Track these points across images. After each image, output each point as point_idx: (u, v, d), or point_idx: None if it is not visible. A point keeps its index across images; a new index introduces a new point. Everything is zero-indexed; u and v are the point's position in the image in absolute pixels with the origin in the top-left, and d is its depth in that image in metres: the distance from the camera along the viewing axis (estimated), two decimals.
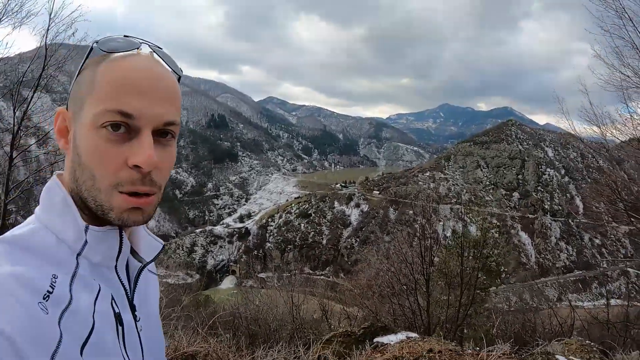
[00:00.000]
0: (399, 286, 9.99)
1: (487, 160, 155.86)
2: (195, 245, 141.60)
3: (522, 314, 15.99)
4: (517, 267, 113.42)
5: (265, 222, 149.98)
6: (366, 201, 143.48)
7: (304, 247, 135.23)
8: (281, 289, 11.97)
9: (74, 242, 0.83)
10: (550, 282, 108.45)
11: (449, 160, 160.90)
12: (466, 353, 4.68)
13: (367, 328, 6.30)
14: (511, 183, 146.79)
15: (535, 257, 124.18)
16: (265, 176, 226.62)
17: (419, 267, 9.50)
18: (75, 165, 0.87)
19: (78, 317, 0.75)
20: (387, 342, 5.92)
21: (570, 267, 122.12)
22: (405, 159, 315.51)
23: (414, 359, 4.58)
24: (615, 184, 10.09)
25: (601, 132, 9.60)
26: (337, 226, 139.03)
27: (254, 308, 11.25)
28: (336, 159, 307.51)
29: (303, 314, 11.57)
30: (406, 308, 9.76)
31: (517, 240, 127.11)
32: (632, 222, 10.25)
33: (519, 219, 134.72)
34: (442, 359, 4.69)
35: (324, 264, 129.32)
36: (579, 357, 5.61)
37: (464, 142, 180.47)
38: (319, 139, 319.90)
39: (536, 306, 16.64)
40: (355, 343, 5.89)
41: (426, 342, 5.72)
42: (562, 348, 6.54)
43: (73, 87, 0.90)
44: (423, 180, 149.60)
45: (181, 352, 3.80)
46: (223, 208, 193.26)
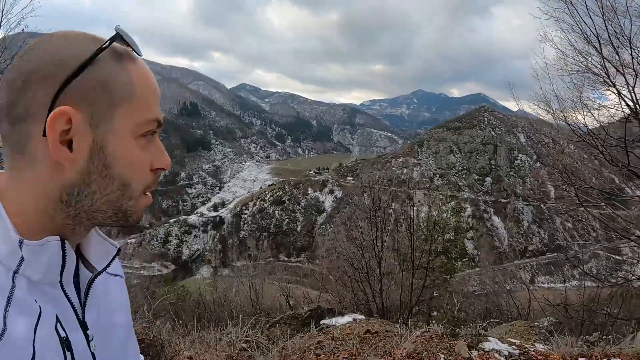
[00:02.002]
0: (353, 271, 10.27)
1: (460, 146, 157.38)
2: (169, 236, 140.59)
3: (486, 297, 16.53)
4: (490, 250, 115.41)
5: (239, 210, 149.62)
6: (340, 187, 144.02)
7: (279, 234, 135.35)
8: (242, 277, 12.25)
9: (8, 259, 0.72)
10: (523, 264, 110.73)
11: (422, 146, 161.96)
12: (399, 334, 4.99)
13: (314, 311, 6.64)
14: (484, 168, 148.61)
15: (508, 241, 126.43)
16: (239, 164, 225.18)
17: (372, 252, 9.80)
18: (96, 178, 0.78)
19: (14, 347, 0.66)
20: (333, 324, 6.27)
21: (542, 250, 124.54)
22: (379, 145, 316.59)
23: (350, 339, 4.92)
24: (564, 167, 10.15)
25: (553, 116, 9.70)
26: (312, 213, 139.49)
27: (217, 296, 11.54)
28: (310, 145, 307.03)
29: (266, 299, 11.92)
30: (360, 292, 10.08)
31: (490, 225, 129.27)
32: (583, 206, 10.30)
33: (491, 203, 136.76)
34: (375, 338, 5.05)
35: (299, 250, 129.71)
36: (518, 338, 5.89)
37: (437, 128, 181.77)
38: (292, 126, 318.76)
39: (509, 289, 17.03)
40: (302, 325, 6.23)
41: (369, 324, 6.09)
42: (510, 330, 6.96)
43: (86, 82, 0.76)
44: (397, 165, 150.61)
45: None
46: (197, 197, 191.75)
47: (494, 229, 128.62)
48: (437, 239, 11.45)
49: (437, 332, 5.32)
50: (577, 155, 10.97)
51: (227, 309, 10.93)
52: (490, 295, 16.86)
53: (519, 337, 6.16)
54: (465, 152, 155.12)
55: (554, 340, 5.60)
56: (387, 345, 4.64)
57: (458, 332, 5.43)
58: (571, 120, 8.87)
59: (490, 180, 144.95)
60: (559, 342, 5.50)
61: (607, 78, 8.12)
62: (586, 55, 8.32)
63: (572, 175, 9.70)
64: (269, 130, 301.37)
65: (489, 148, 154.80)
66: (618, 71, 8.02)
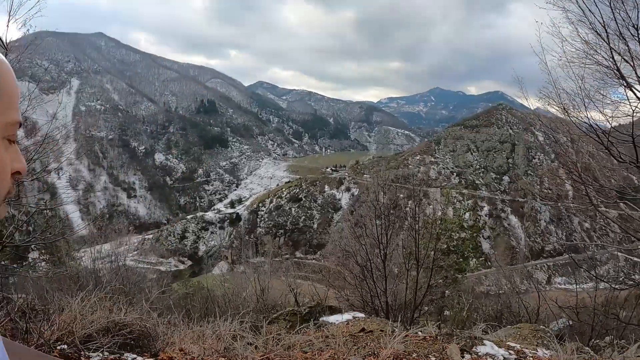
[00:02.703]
0: (357, 268, 10.26)
1: (477, 144, 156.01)
2: (186, 232, 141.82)
3: (498, 297, 16.34)
4: (506, 250, 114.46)
5: (256, 207, 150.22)
6: (356, 185, 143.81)
7: (295, 231, 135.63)
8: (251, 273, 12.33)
9: None
10: (539, 265, 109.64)
11: (439, 143, 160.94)
12: (394, 333, 4.95)
13: (313, 307, 6.67)
14: (501, 167, 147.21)
15: (525, 241, 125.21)
16: (256, 161, 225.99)
17: (376, 249, 9.78)
18: None
19: None
20: (332, 322, 6.29)
21: (559, 250, 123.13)
22: (396, 143, 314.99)
23: (344, 337, 4.92)
24: (575, 165, 9.89)
25: (563, 111, 9.42)
26: (328, 210, 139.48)
27: (223, 290, 11.65)
28: (327, 143, 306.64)
29: (275, 295, 11.99)
30: (364, 290, 10.06)
31: (507, 224, 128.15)
32: (596, 207, 10.02)
33: (509, 202, 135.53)
34: (368, 337, 5.05)
35: (315, 248, 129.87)
36: (521, 342, 5.74)
37: (455, 126, 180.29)
38: (309, 123, 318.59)
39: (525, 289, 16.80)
40: (301, 321, 6.27)
41: (367, 322, 6.11)
42: (514, 332, 6.83)
43: None
44: (414, 163, 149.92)
45: (112, 320, 4.16)
46: (214, 194, 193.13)
47: (511, 229, 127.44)
48: (445, 236, 11.35)
49: (430, 333, 5.28)
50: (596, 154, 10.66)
51: (234, 304, 11.04)
52: (502, 295, 16.67)
53: (521, 341, 6.03)
54: (482, 151, 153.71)
55: (557, 345, 5.44)
56: (376, 345, 4.64)
57: (454, 334, 5.33)
58: (576, 115, 8.59)
59: (507, 179, 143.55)
60: (566, 347, 5.34)
61: (616, 70, 7.89)
62: (594, 47, 8.06)
63: (583, 173, 9.44)
64: (286, 128, 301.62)
65: (506, 146, 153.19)
66: (627, 62, 7.79)
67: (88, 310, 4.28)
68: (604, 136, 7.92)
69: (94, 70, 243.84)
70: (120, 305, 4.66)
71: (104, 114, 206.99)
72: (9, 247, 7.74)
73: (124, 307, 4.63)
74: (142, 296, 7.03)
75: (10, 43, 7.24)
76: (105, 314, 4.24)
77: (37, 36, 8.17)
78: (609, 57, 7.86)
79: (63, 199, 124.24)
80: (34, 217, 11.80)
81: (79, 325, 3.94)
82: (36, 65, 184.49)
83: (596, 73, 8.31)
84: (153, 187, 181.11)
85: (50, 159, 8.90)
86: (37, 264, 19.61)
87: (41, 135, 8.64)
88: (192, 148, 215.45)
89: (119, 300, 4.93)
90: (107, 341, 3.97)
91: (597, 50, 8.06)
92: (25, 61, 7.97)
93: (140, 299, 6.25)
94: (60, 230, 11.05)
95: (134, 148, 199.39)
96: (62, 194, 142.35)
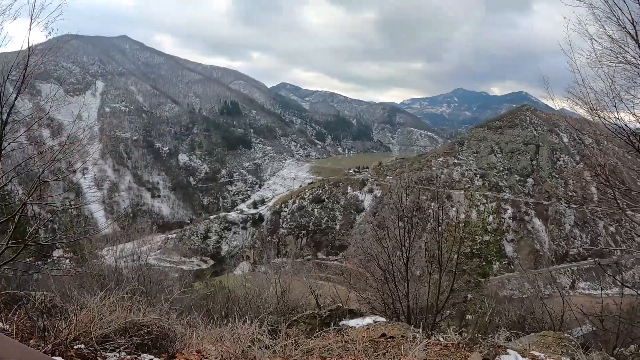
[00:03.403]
0: (379, 271, 10.12)
1: (501, 146, 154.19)
2: (209, 232, 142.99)
3: (522, 302, 15.99)
4: (530, 253, 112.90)
5: (278, 207, 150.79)
6: (379, 186, 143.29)
7: (318, 232, 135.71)
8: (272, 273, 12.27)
9: None
10: (563, 269, 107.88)
11: (462, 145, 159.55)
12: (416, 340, 4.81)
13: (333, 311, 6.56)
14: (525, 169, 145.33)
15: (549, 244, 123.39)
16: (279, 162, 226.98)
17: (398, 252, 9.63)
18: None
19: None
20: (353, 326, 6.17)
21: (583, 254, 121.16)
22: (419, 144, 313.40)
23: (363, 342, 4.80)
24: (602, 167, 9.57)
25: (592, 111, 9.10)
26: (351, 211, 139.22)
27: (245, 291, 11.61)
28: (350, 144, 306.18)
29: (295, 296, 11.91)
30: (385, 294, 9.92)
31: (531, 227, 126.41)
32: (623, 211, 9.69)
33: (533, 205, 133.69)
34: (389, 343, 4.92)
35: (337, 249, 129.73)
36: (549, 352, 5.59)
37: (478, 127, 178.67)
38: (332, 125, 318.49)
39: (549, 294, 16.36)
40: (321, 325, 6.16)
41: (388, 327, 5.97)
42: (538, 340, 6.60)
43: None
44: (437, 165, 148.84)
45: (130, 321, 4.12)
46: (237, 194, 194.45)
47: (535, 232, 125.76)
48: (468, 239, 11.12)
49: (453, 340, 5.12)
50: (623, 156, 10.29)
51: (254, 305, 11.00)
52: (525, 300, 16.28)
53: (545, 350, 5.82)
54: (506, 152, 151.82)
55: (582, 355, 5.23)
56: (397, 352, 4.51)
57: (476, 341, 5.14)
58: (605, 115, 8.27)
59: (531, 181, 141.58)
60: (592, 356, 5.13)
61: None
62: (622, 45, 7.75)
63: (610, 176, 9.10)
64: (309, 129, 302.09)
65: (530, 148, 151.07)
66: None
67: (107, 310, 4.26)
68: (634, 137, 7.63)
69: (119, 73, 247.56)
70: (139, 305, 4.63)
71: (129, 115, 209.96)
72: (32, 246, 7.80)
73: (143, 307, 4.60)
74: (162, 296, 7.03)
75: (34, 46, 7.31)
76: (123, 314, 4.21)
77: (61, 39, 8.25)
78: (639, 55, 7.57)
79: (87, 199, 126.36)
80: (58, 215, 11.95)
81: (96, 325, 3.91)
82: (61, 67, 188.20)
83: (625, 72, 8.00)
84: (177, 187, 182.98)
85: (75, 159, 8.98)
86: (60, 261, 19.90)
87: (66, 135, 8.67)
88: (215, 149, 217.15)
89: (139, 300, 4.91)
90: (125, 341, 3.94)
91: (626, 48, 7.76)
92: (50, 63, 8.01)
93: (160, 298, 6.25)
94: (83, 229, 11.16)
95: (158, 149, 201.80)
96: (87, 193, 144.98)
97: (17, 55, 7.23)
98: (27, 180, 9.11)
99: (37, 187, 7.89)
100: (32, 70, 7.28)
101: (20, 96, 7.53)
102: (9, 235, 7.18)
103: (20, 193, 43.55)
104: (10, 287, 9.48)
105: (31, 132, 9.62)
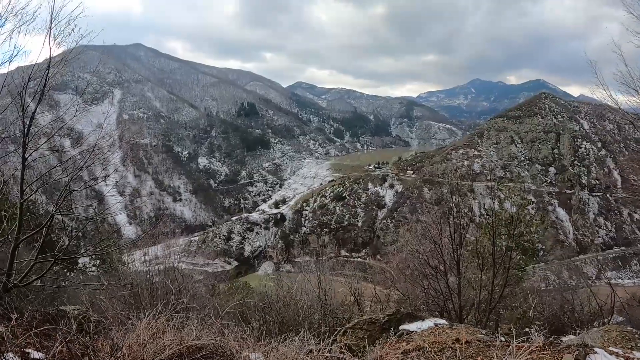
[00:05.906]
0: (429, 269, 9.56)
1: (521, 135, 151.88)
2: (232, 233, 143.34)
3: (560, 294, 15.27)
4: (555, 244, 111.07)
5: (300, 206, 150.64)
6: (400, 181, 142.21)
7: (340, 230, 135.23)
8: (310, 274, 11.68)
9: None
10: (589, 259, 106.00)
11: (482, 136, 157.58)
12: (495, 345, 4.30)
13: (392, 315, 6.01)
14: (547, 158, 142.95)
15: (574, 234, 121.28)
16: (298, 161, 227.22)
17: (449, 249, 9.05)
18: None
19: None
20: (414, 330, 5.64)
21: (609, 243, 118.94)
22: (438, 137, 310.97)
23: (439, 350, 4.26)
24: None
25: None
26: (372, 208, 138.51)
27: (283, 295, 11.08)
28: (368, 140, 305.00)
29: (333, 298, 11.34)
30: (436, 291, 9.36)
31: (555, 217, 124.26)
32: None
33: (556, 194, 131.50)
34: (468, 351, 4.35)
35: (360, 246, 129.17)
36: (619, 347, 5.09)
37: (497, 118, 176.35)
38: (350, 121, 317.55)
39: (575, 284, 15.73)
40: (380, 331, 5.63)
41: (454, 330, 5.41)
42: (602, 336, 6.04)
43: None
44: (457, 158, 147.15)
45: (186, 345, 3.61)
46: (258, 195, 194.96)
47: (559, 222, 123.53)
48: (521, 235, 10.54)
49: (537, 342, 4.56)
50: None
51: (293, 309, 10.47)
52: (558, 291, 15.65)
53: (619, 345, 5.37)
54: (526, 142, 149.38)
55: None
56: None
57: (559, 341, 4.61)
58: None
59: (554, 170, 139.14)
60: None
61: None
62: None
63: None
64: (326, 127, 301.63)
65: (551, 136, 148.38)
66: None
67: (156, 331, 3.74)
68: None
69: (135, 80, 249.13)
70: (188, 322, 4.11)
71: (147, 122, 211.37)
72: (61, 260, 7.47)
73: (194, 324, 4.08)
74: (204, 311, 6.53)
75: (52, 59, 7.14)
76: (177, 337, 3.69)
77: (76, 50, 7.99)
78: None
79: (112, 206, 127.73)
80: (83, 224, 11.64)
81: (149, 352, 3.38)
82: (79, 78, 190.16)
83: None
84: (198, 190, 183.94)
85: (98, 168, 8.72)
86: (87, 269, 19.68)
87: (87, 145, 8.57)
88: (234, 151, 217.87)
89: (187, 316, 4.39)
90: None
91: None
92: (67, 74, 7.70)
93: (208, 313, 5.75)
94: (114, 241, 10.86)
95: (178, 153, 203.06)
96: (110, 200, 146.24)
97: (33, 67, 7.17)
98: (52, 190, 8.86)
99: (65, 197, 7.57)
100: (51, 81, 7.03)
101: (39, 107, 7.31)
102: (37, 249, 6.84)
103: (45, 202, 43.79)
104: (39, 299, 9.16)
105: (52, 142, 9.33)
